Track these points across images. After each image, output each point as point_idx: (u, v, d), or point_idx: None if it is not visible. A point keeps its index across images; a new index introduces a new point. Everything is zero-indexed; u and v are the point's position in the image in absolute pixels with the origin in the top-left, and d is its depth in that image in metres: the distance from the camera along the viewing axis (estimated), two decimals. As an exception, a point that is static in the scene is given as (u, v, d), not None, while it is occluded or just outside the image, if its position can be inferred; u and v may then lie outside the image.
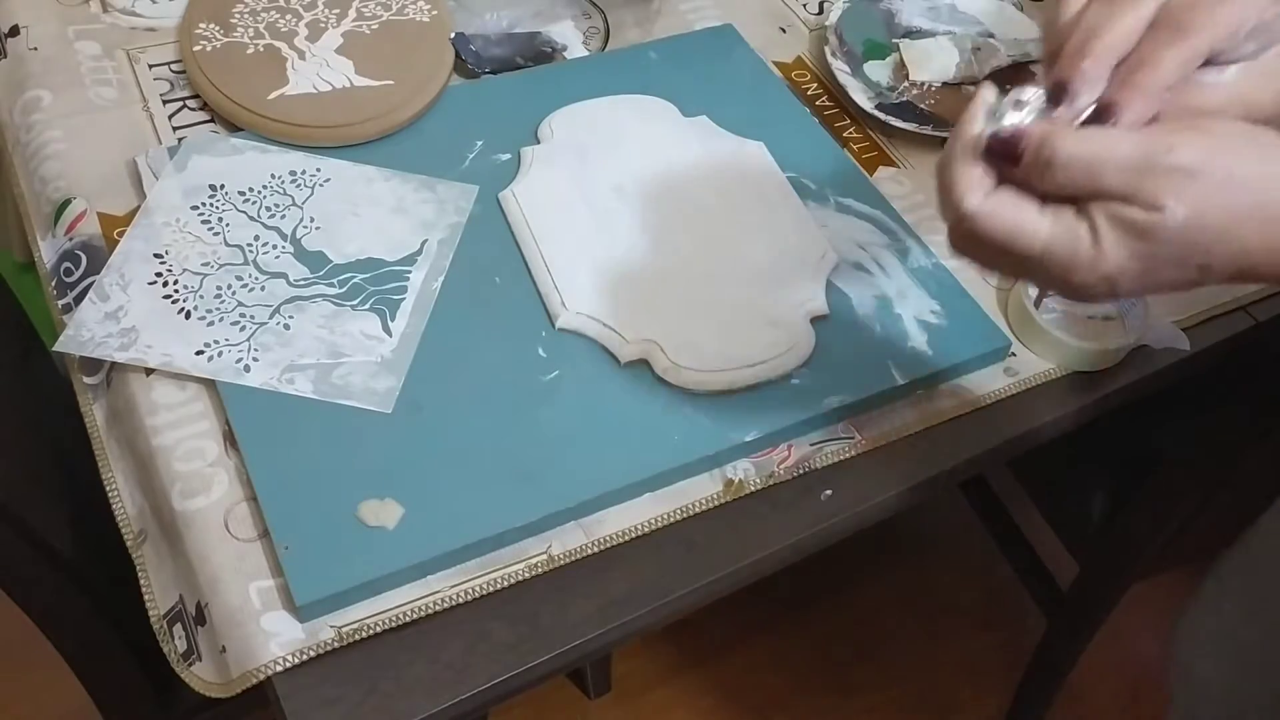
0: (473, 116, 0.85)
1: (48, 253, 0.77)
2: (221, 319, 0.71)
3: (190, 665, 0.63)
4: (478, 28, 0.91)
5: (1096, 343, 0.76)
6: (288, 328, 0.71)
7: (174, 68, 0.86)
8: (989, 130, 0.51)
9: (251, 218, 0.76)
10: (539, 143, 0.83)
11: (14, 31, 0.88)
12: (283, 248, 0.75)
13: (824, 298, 0.76)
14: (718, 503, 0.68)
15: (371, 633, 0.61)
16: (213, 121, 0.83)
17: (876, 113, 0.89)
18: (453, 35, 0.89)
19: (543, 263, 0.75)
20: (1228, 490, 1.02)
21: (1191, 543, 1.12)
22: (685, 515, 0.67)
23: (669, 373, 0.70)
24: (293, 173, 0.79)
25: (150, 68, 0.86)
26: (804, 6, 1.00)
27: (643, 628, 0.65)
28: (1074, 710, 1.48)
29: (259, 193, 0.78)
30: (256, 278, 0.73)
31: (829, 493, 0.70)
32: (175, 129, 0.83)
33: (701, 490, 0.68)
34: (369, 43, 0.87)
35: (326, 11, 0.88)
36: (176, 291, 0.72)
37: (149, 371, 0.69)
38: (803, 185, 0.83)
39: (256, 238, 0.75)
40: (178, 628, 0.64)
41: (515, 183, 0.80)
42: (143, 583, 0.67)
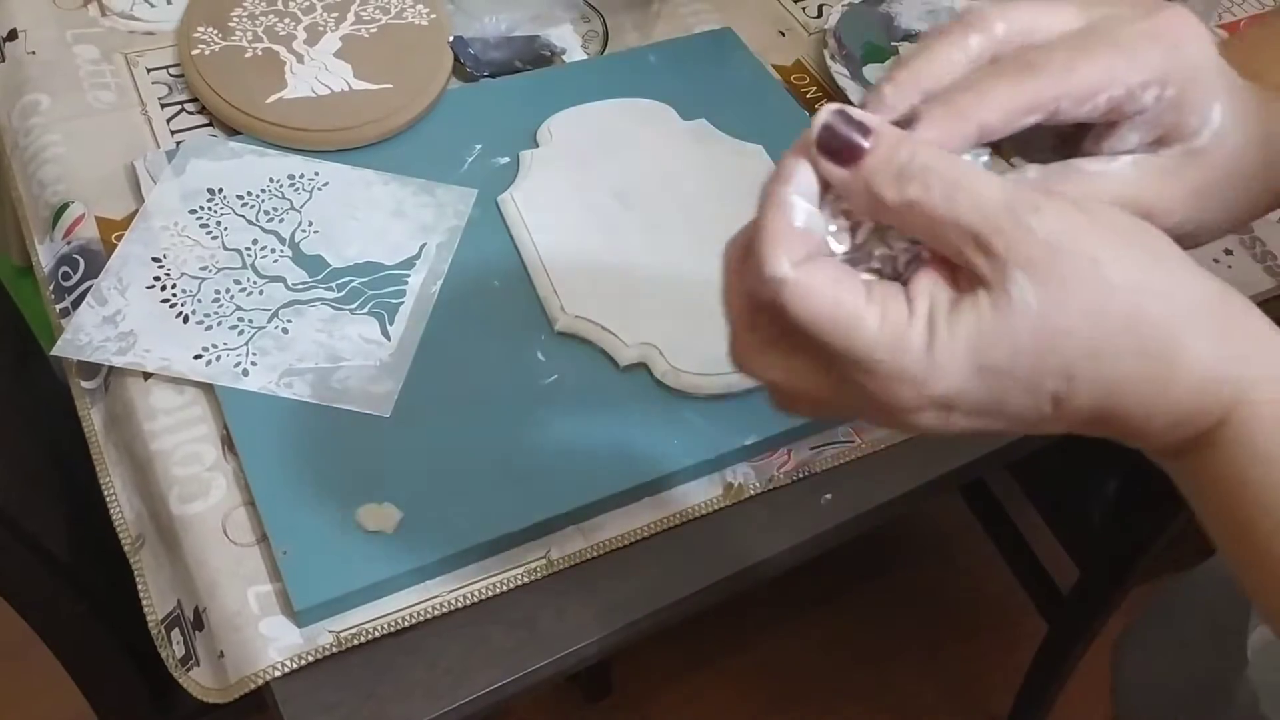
0: (471, 120, 0.85)
1: (46, 256, 0.76)
2: (220, 323, 0.70)
3: (188, 670, 0.63)
4: (476, 31, 0.91)
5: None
6: (286, 331, 0.71)
7: (172, 71, 0.86)
8: (832, 109, 0.39)
9: (250, 221, 0.76)
10: (538, 146, 0.83)
11: (12, 35, 0.88)
12: (281, 251, 0.75)
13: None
14: (717, 507, 0.68)
15: (370, 638, 0.61)
16: (211, 125, 0.83)
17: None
18: (451, 38, 0.89)
19: (541, 266, 0.75)
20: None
21: (1191, 547, 1.12)
22: (684, 520, 0.67)
23: (668, 376, 0.70)
24: (291, 176, 0.79)
25: (148, 71, 0.86)
26: (803, 10, 1.00)
27: (642, 632, 0.65)
28: (1074, 715, 1.48)
29: (257, 196, 0.78)
30: (255, 282, 0.73)
31: (829, 497, 0.70)
32: (173, 133, 0.82)
33: (701, 494, 0.68)
34: (367, 46, 0.87)
35: (325, 15, 0.88)
36: (175, 295, 0.72)
37: (147, 376, 0.69)
38: (802, 189, 0.82)
39: (255, 241, 0.75)
40: (175, 633, 0.64)
41: (514, 186, 0.80)
42: (140, 587, 0.66)
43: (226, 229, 0.75)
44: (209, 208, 0.76)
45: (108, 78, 0.85)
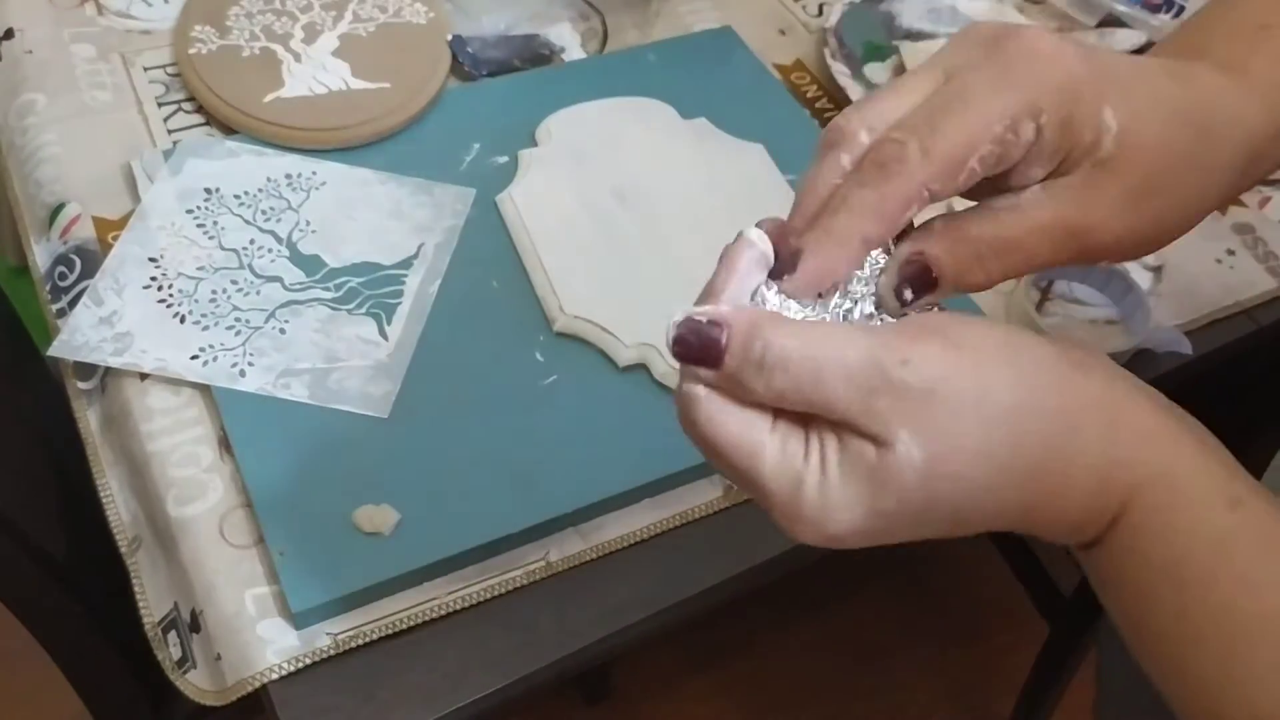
0: (470, 119, 0.84)
1: (42, 257, 0.76)
2: (216, 323, 0.70)
3: (185, 673, 0.62)
4: (475, 30, 0.91)
5: (1099, 346, 0.75)
6: (283, 332, 0.70)
7: (169, 70, 0.86)
8: (675, 318, 0.38)
9: (247, 221, 0.76)
10: (537, 145, 0.83)
11: (9, 34, 0.87)
12: (278, 251, 0.74)
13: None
14: (717, 508, 0.68)
15: (368, 640, 0.60)
16: (208, 124, 0.83)
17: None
18: (450, 37, 0.88)
19: (540, 266, 0.75)
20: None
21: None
22: (684, 521, 0.67)
23: (668, 377, 0.70)
24: (288, 176, 0.79)
25: (145, 70, 0.86)
26: (803, 8, 1.00)
27: (641, 635, 0.64)
28: (1075, 716, 1.47)
29: (254, 196, 0.77)
30: (252, 282, 0.73)
31: (830, 498, 0.69)
32: (170, 132, 0.82)
33: (700, 496, 0.68)
34: (365, 45, 0.86)
35: (322, 14, 0.88)
36: (171, 296, 0.71)
37: (143, 376, 0.68)
38: (802, 188, 0.82)
39: (252, 241, 0.75)
40: (172, 635, 0.64)
41: (513, 185, 0.80)
42: (137, 590, 0.66)
43: (223, 229, 0.75)
44: (206, 207, 0.76)
45: (104, 77, 0.85)
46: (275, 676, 0.59)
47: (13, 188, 0.82)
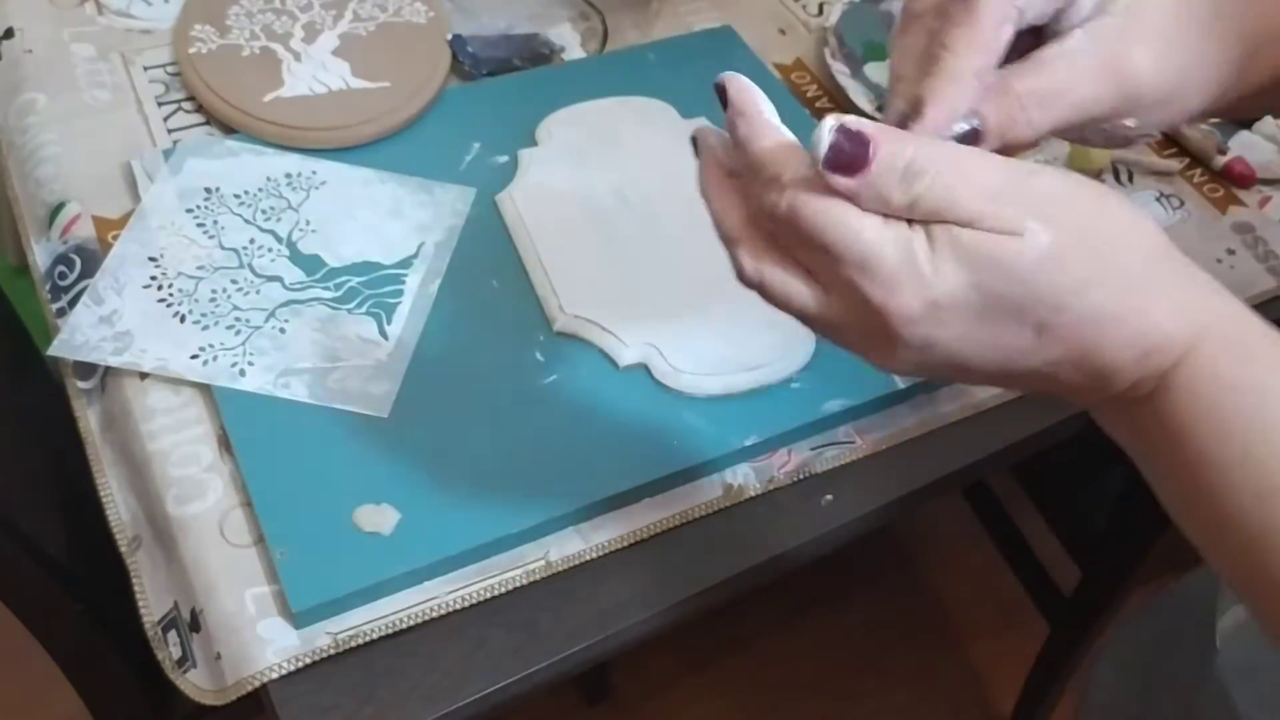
0: (470, 119, 0.84)
1: (42, 256, 0.76)
2: (216, 323, 0.70)
3: (185, 672, 0.62)
4: (475, 29, 0.91)
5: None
6: (283, 331, 0.70)
7: (169, 70, 0.86)
8: (829, 124, 0.40)
9: (247, 221, 0.76)
10: (537, 145, 0.83)
11: (9, 34, 0.87)
12: (278, 251, 0.74)
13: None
14: (717, 508, 0.68)
15: (368, 639, 0.60)
16: (208, 124, 0.83)
17: (877, 115, 0.89)
18: (450, 37, 0.88)
19: (540, 266, 0.74)
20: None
21: (1194, 548, 1.12)
22: (684, 521, 0.67)
23: (667, 377, 0.70)
24: (288, 175, 0.79)
25: (145, 70, 0.86)
26: (803, 8, 1.00)
27: (641, 634, 0.64)
28: (1077, 717, 1.47)
29: (254, 195, 0.77)
30: (252, 281, 0.73)
31: (829, 498, 0.69)
32: (170, 131, 0.82)
33: (701, 495, 0.68)
34: (365, 44, 0.86)
35: (322, 13, 0.88)
36: (171, 295, 0.71)
37: (143, 376, 0.68)
38: (802, 188, 0.82)
39: (252, 241, 0.75)
40: (172, 634, 0.64)
41: (513, 185, 0.80)
42: (136, 589, 0.66)
43: (223, 228, 0.75)
44: (206, 207, 0.76)
45: (104, 76, 0.85)
46: (275, 676, 0.59)
47: (12, 187, 0.82)
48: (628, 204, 0.79)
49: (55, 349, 0.69)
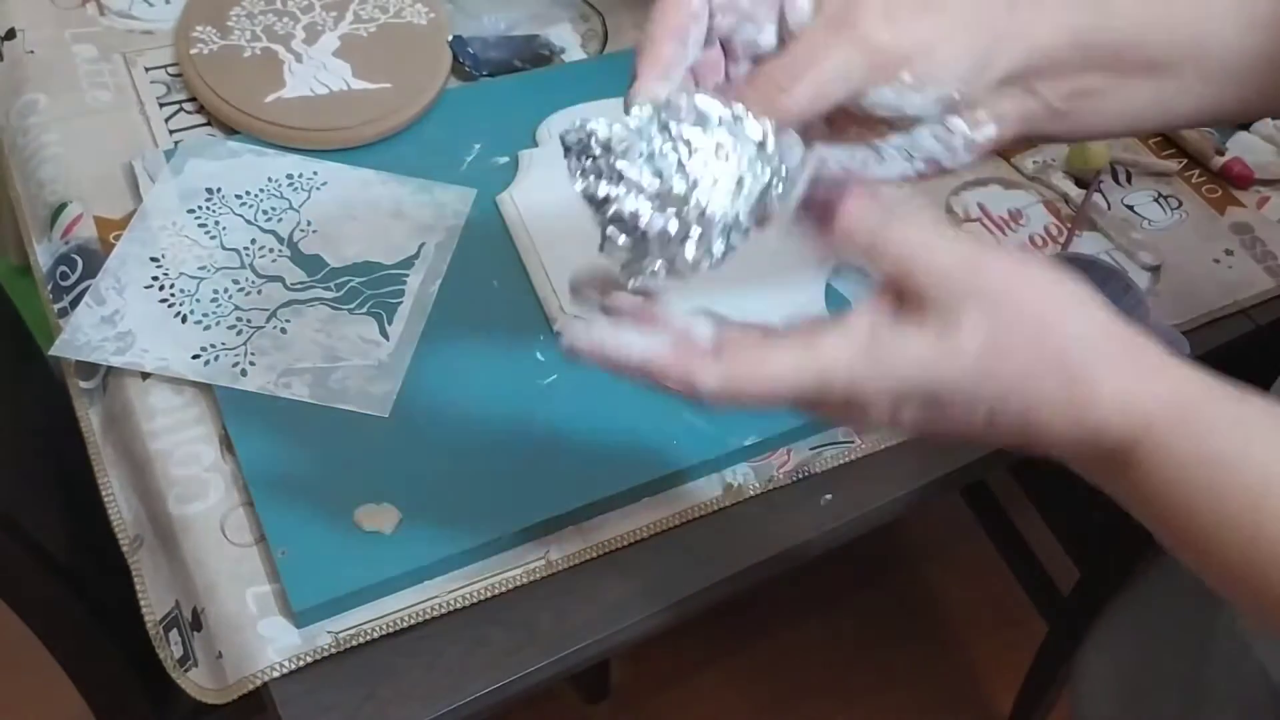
0: (470, 119, 0.84)
1: (44, 256, 0.76)
2: (218, 323, 0.70)
3: (186, 671, 0.63)
4: (475, 30, 0.91)
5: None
6: (284, 331, 0.70)
7: (170, 71, 0.86)
8: (803, 177, 0.45)
9: (248, 221, 0.76)
10: (537, 145, 0.83)
11: (10, 35, 0.87)
12: (279, 251, 0.75)
13: (823, 301, 0.75)
14: (717, 507, 0.68)
15: (369, 638, 0.60)
16: (209, 125, 0.83)
17: (876, 115, 0.89)
18: (450, 38, 0.89)
19: (541, 266, 0.75)
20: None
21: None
22: (684, 520, 0.67)
23: (668, 376, 0.70)
24: (290, 176, 0.79)
25: (147, 71, 0.86)
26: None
27: (641, 633, 0.64)
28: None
29: (256, 196, 0.77)
30: (253, 281, 0.73)
31: (829, 497, 0.69)
32: (172, 132, 0.82)
33: (700, 495, 0.68)
34: (366, 45, 0.86)
35: (323, 14, 0.88)
36: (173, 295, 0.71)
37: (145, 376, 0.69)
38: (802, 188, 0.82)
39: (253, 241, 0.75)
40: (174, 633, 0.64)
41: (513, 186, 0.80)
42: (139, 588, 0.66)
43: (225, 229, 0.75)
44: (207, 207, 0.76)
45: (106, 77, 0.85)
46: (276, 675, 0.59)
47: (14, 187, 0.82)
48: (628, 204, 0.79)
49: (57, 349, 0.69)
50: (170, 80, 0.86)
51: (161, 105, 0.84)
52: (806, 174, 0.46)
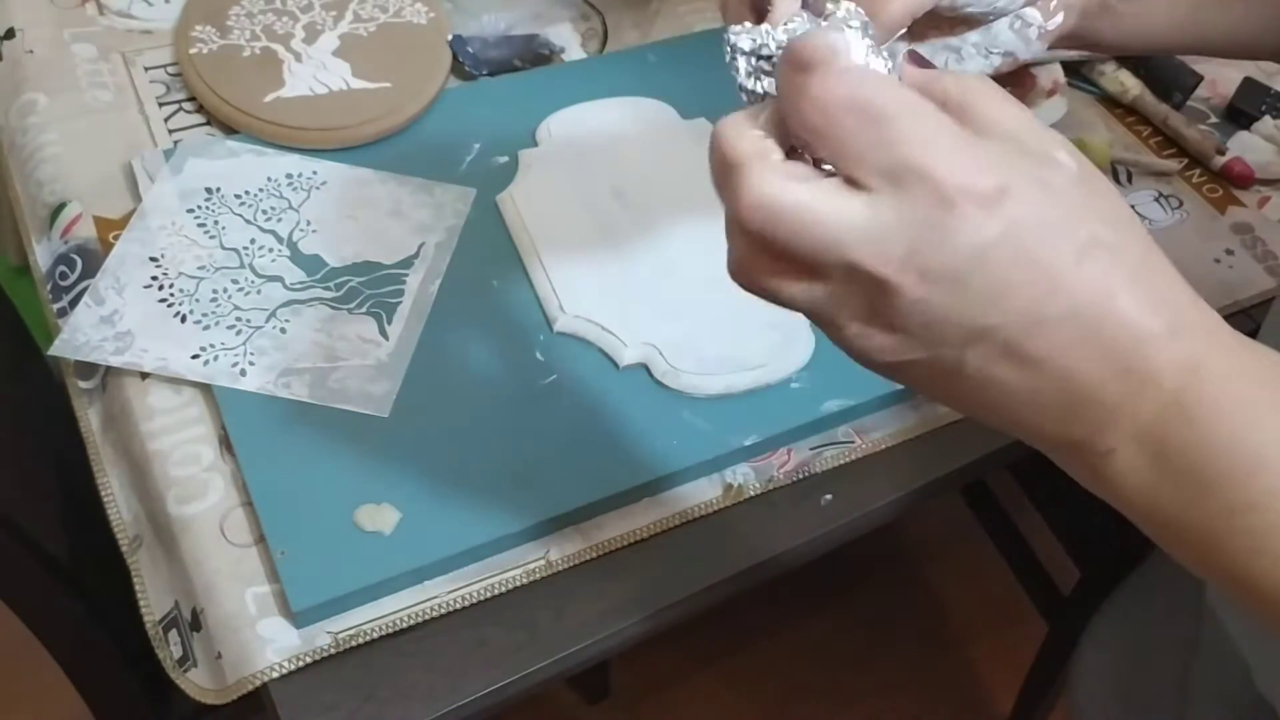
0: (470, 119, 0.84)
1: (43, 256, 0.76)
2: (217, 323, 0.70)
3: (185, 671, 0.62)
4: (475, 30, 0.91)
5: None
6: (284, 331, 0.70)
7: (170, 70, 0.86)
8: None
9: (248, 221, 0.76)
10: (537, 145, 0.83)
11: (10, 34, 0.87)
12: (279, 251, 0.74)
13: (824, 301, 0.75)
14: (717, 508, 0.68)
15: (368, 639, 0.60)
16: (209, 124, 0.83)
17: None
18: (450, 37, 0.89)
19: (540, 266, 0.75)
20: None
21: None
22: (684, 520, 0.67)
23: (667, 376, 0.70)
24: (289, 175, 0.79)
25: (146, 70, 0.86)
26: (803, 9, 1.00)
27: (641, 634, 0.64)
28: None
29: (255, 196, 0.77)
30: (253, 281, 0.73)
31: (829, 497, 0.69)
32: (171, 132, 0.82)
33: (700, 495, 0.68)
34: (366, 45, 0.86)
35: (323, 13, 0.88)
36: (172, 295, 0.71)
37: (144, 375, 0.69)
38: (802, 188, 0.82)
39: (253, 241, 0.75)
40: (173, 634, 0.64)
41: (513, 185, 0.80)
42: (138, 588, 0.66)
43: (224, 228, 0.75)
44: (207, 207, 0.76)
45: (105, 77, 0.85)
46: (275, 675, 0.59)
47: (14, 187, 0.82)
48: (627, 204, 0.79)
49: (56, 349, 0.69)
50: (170, 80, 0.86)
51: (161, 105, 0.84)
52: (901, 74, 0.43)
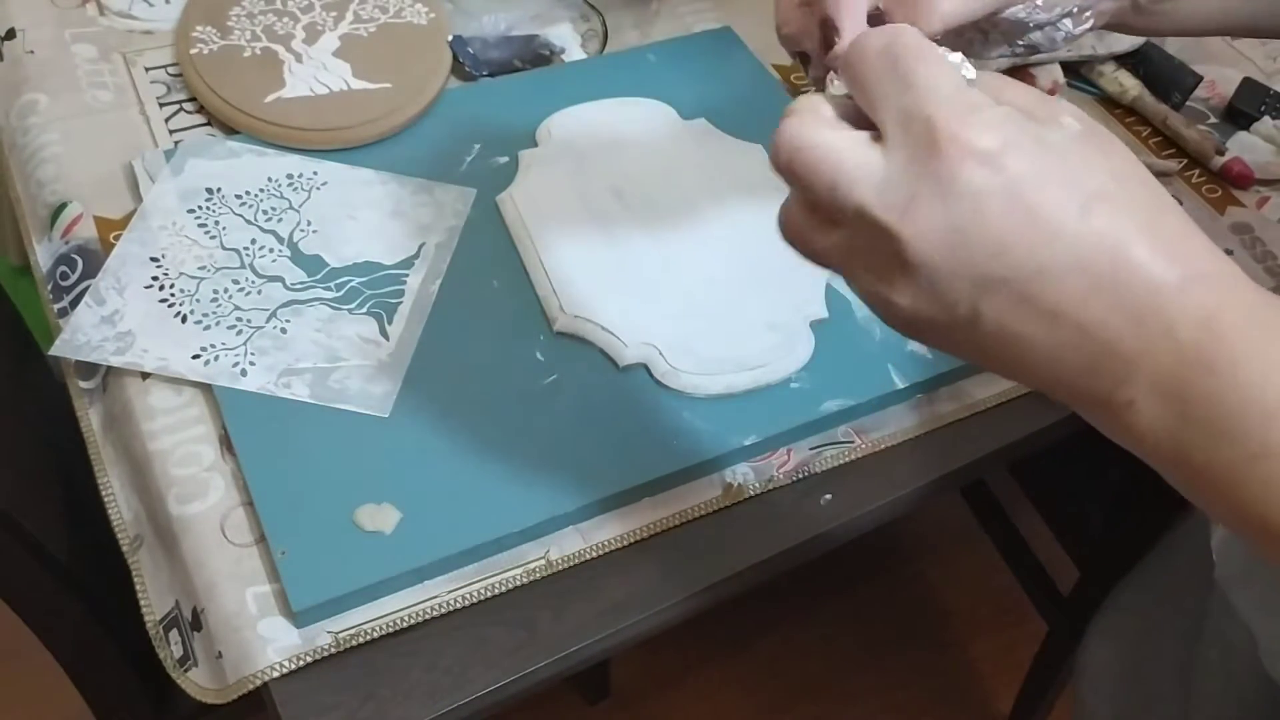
0: (470, 119, 0.84)
1: (44, 256, 0.76)
2: (218, 323, 0.70)
3: (186, 671, 0.63)
4: (475, 30, 0.91)
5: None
6: (284, 331, 0.70)
7: (170, 70, 0.86)
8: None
9: (248, 221, 0.76)
10: (537, 145, 0.83)
11: (10, 35, 0.88)
12: (280, 251, 0.75)
13: (823, 301, 0.75)
14: (717, 507, 0.68)
15: (369, 638, 0.60)
16: (209, 125, 0.83)
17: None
18: (450, 38, 0.89)
19: (541, 266, 0.75)
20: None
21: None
22: (684, 520, 0.67)
23: (668, 376, 0.70)
24: (290, 176, 0.79)
25: (147, 71, 0.86)
26: (803, 9, 1.00)
27: (641, 633, 0.64)
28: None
29: (256, 196, 0.77)
30: (253, 281, 0.73)
31: (829, 497, 0.69)
32: (172, 132, 0.82)
33: (700, 495, 0.68)
34: (366, 45, 0.86)
35: (323, 14, 0.88)
36: (173, 295, 0.71)
37: (145, 376, 0.69)
38: (802, 188, 0.82)
39: (253, 241, 0.75)
40: (174, 633, 0.64)
41: (513, 186, 0.80)
42: (138, 588, 0.66)
43: (225, 229, 0.75)
44: (207, 207, 0.76)
45: (106, 77, 0.85)
46: (276, 675, 0.59)
47: (14, 187, 0.82)
48: (627, 204, 0.79)
49: (57, 349, 0.69)
50: (170, 80, 0.86)
51: (161, 105, 0.84)
52: None
